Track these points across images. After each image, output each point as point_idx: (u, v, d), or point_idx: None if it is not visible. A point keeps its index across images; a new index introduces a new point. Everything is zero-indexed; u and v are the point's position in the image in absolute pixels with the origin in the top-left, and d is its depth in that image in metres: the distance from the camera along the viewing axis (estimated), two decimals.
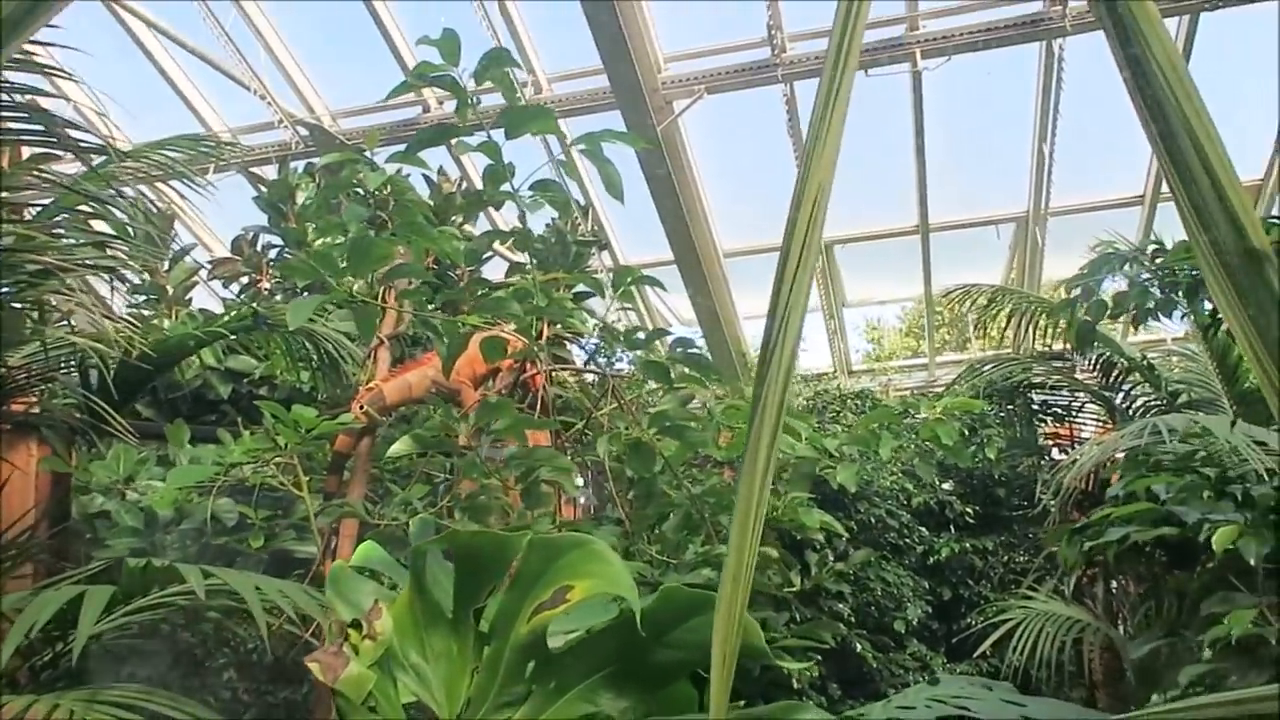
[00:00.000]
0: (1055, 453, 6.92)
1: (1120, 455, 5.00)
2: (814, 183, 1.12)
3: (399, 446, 3.01)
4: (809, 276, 1.16)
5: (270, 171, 8.01)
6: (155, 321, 6.11)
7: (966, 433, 6.32)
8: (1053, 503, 5.26)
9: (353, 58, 8.98)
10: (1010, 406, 6.73)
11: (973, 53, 7.41)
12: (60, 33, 3.44)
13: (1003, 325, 6.55)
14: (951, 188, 9.04)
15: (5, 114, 3.49)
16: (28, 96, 3.51)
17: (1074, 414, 6.83)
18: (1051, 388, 6.63)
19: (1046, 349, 6.59)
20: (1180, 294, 3.31)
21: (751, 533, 1.09)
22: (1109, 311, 3.75)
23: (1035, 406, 6.81)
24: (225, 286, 7.62)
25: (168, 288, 7.02)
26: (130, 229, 4.21)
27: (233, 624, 4.11)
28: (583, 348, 6.65)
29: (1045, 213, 8.96)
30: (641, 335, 3.28)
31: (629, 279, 3.31)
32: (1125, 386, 6.40)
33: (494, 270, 7.64)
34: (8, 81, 3.50)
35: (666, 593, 1.64)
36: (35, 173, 3.82)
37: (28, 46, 3.49)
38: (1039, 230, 9.08)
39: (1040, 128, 8.15)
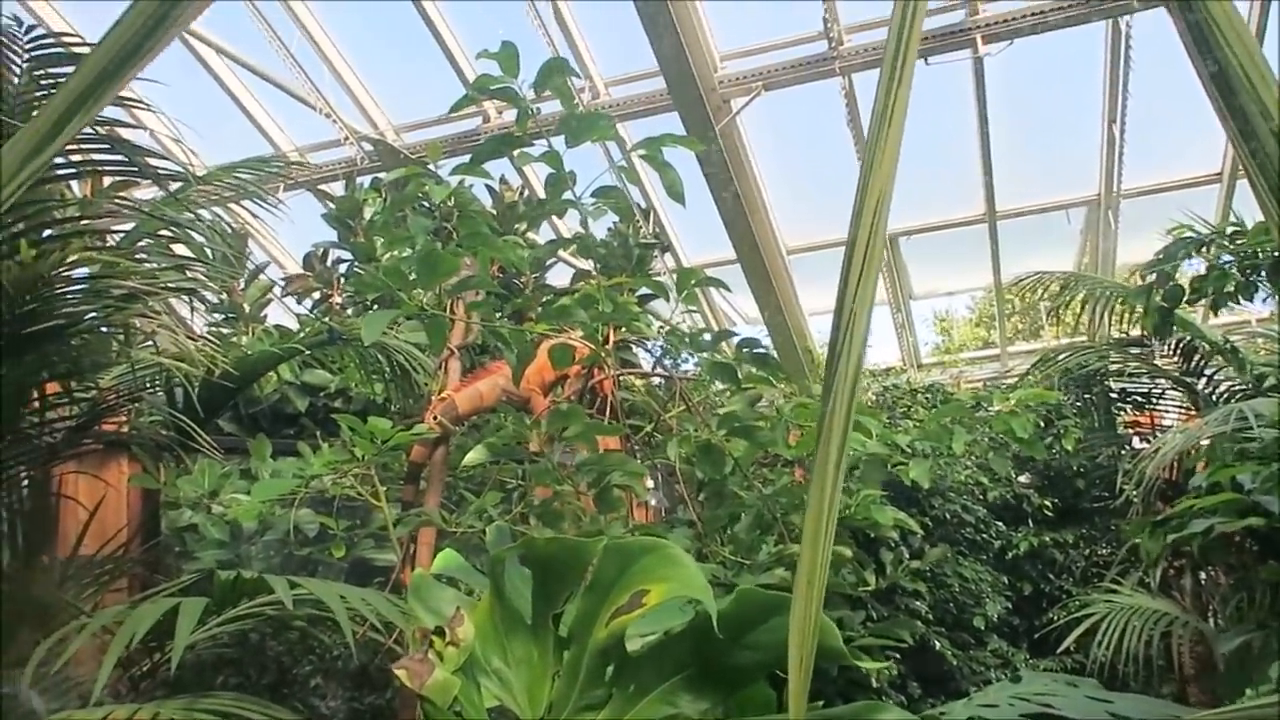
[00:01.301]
0: (1136, 441, 6.74)
1: (1205, 443, 4.85)
2: (878, 177, 1.12)
3: (473, 455, 3.06)
4: (875, 272, 1.17)
5: (338, 188, 8.20)
6: (233, 339, 6.30)
7: (1042, 424, 6.19)
8: (1135, 493, 5.13)
9: (413, 72, 9.15)
10: (1087, 396, 6.57)
11: (1035, 35, 7.27)
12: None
13: (1077, 312, 6.39)
14: (1019, 174, 8.87)
15: (88, 144, 3.64)
16: (107, 128, 3.66)
17: (1154, 401, 6.64)
18: (1130, 375, 6.45)
19: (1124, 335, 6.42)
20: (1262, 275, 3.20)
21: (825, 532, 1.09)
22: (1187, 296, 3.64)
23: (1113, 395, 6.64)
24: (299, 302, 7.82)
25: (244, 305, 7.23)
26: (208, 250, 4.35)
27: (318, 632, 4.22)
28: (649, 350, 6.68)
29: (1118, 195, 8.74)
30: (707, 337, 3.29)
31: (692, 281, 3.32)
32: (1208, 371, 6.20)
33: (557, 277, 7.72)
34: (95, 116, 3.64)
35: (742, 594, 1.65)
36: (116, 200, 3.97)
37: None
38: (1112, 213, 8.86)
39: (1109, 108, 7.96)
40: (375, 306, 6.87)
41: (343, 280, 7.56)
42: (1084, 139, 8.61)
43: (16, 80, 3.43)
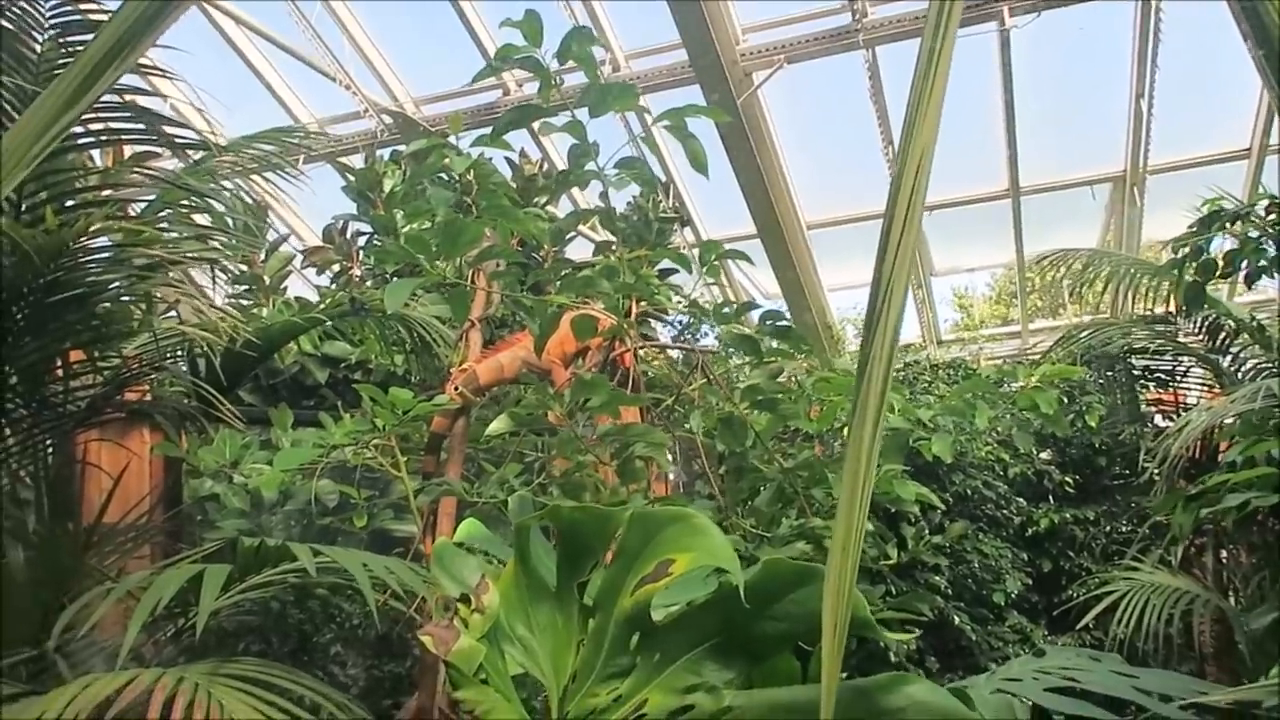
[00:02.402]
0: (1159, 419, 6.68)
1: (1230, 421, 4.80)
2: (917, 147, 1.10)
3: (497, 425, 3.06)
4: (912, 245, 1.14)
5: (357, 160, 8.19)
6: (254, 310, 6.32)
7: (1065, 400, 6.14)
8: (1158, 471, 5.09)
9: (434, 44, 9.10)
10: (1110, 373, 6.51)
11: (1063, 7, 7.15)
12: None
13: (1100, 290, 6.32)
14: (1043, 149, 8.76)
15: (110, 114, 3.64)
16: (129, 96, 3.66)
17: (1178, 379, 6.57)
18: (1154, 352, 6.39)
19: (1149, 313, 6.35)
20: None
21: (860, 503, 1.08)
22: (1219, 271, 3.58)
23: (1137, 372, 6.58)
24: (318, 274, 7.84)
25: (264, 277, 7.25)
26: (228, 220, 4.36)
27: (340, 600, 4.25)
28: (668, 323, 6.66)
29: (1144, 171, 8.62)
30: (728, 310, 3.26)
31: (715, 254, 3.29)
32: (1233, 349, 6.13)
33: (575, 250, 7.70)
34: (114, 86, 3.64)
35: (769, 565, 1.64)
36: (138, 169, 3.97)
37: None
38: (1138, 190, 8.74)
39: (1137, 83, 7.83)
40: (395, 279, 6.87)
41: (362, 252, 7.57)
42: (1110, 114, 8.49)
43: (39, 49, 3.43)
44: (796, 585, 1.62)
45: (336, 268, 7.62)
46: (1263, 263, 3.22)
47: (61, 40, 3.42)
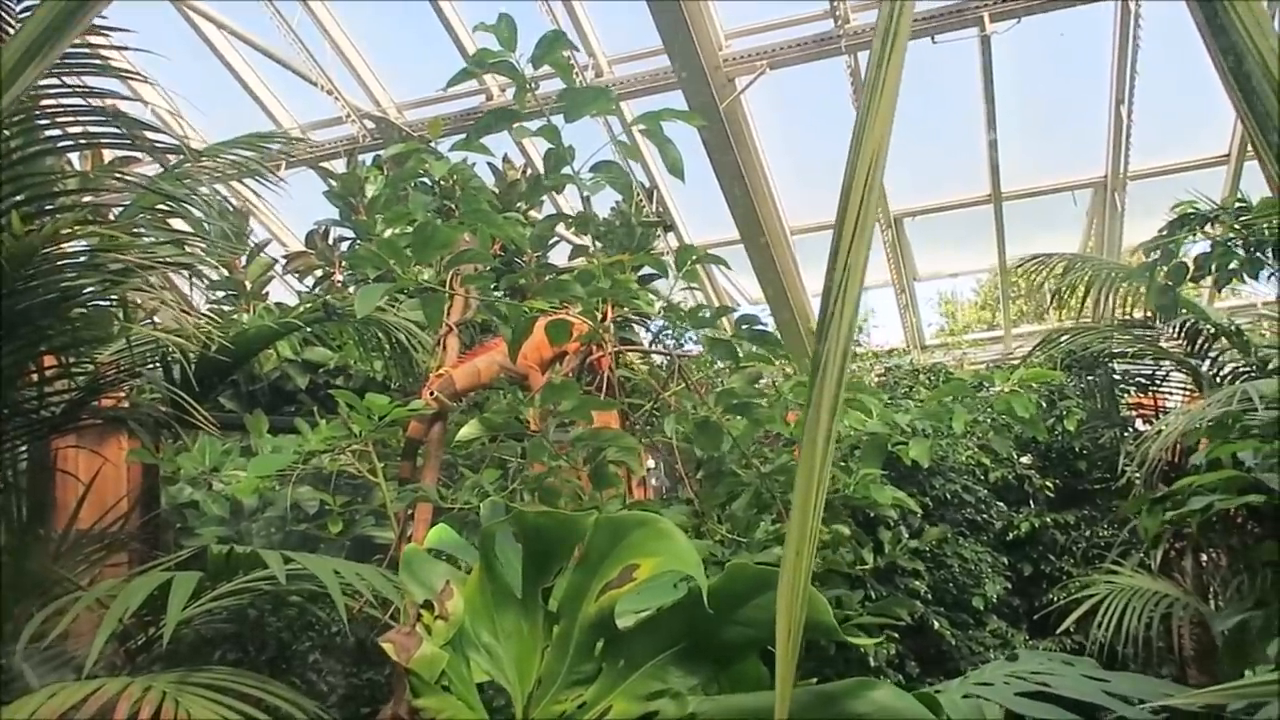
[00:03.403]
0: (1139, 424, 6.71)
1: (1206, 423, 4.82)
2: (869, 145, 1.10)
3: (467, 430, 3.05)
4: (866, 243, 1.14)
5: (339, 165, 8.16)
6: (235, 316, 6.28)
7: (1045, 405, 6.16)
8: (1137, 475, 5.10)
9: (416, 49, 9.08)
10: (1090, 377, 6.54)
11: (1044, 13, 7.19)
12: (134, 36, 3.54)
13: (1081, 295, 6.35)
14: (1025, 154, 8.81)
15: (86, 119, 3.61)
16: (108, 101, 3.63)
17: (1158, 384, 6.60)
18: (1134, 357, 6.41)
19: (1128, 318, 6.38)
20: (1268, 253, 3.15)
21: (814, 503, 1.07)
22: (1190, 275, 3.59)
23: (1117, 377, 6.60)
24: (300, 280, 7.81)
25: (245, 283, 7.21)
26: (206, 225, 4.33)
27: (316, 608, 4.22)
28: (649, 329, 6.65)
29: (1125, 177, 8.67)
30: (707, 313, 3.26)
31: (693, 258, 3.29)
32: (1212, 354, 6.16)
33: (560, 255, 7.68)
34: (86, 86, 3.62)
35: (733, 570, 1.64)
36: (115, 174, 3.95)
37: (105, 50, 3.61)
38: (1118, 195, 8.79)
39: (1117, 89, 7.88)
40: (376, 283, 6.84)
41: (344, 258, 7.54)
42: (1091, 120, 8.54)
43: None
44: (761, 590, 1.62)
45: (319, 273, 7.59)
46: (1232, 265, 3.22)
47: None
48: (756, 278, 9.23)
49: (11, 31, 3.28)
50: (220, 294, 7.12)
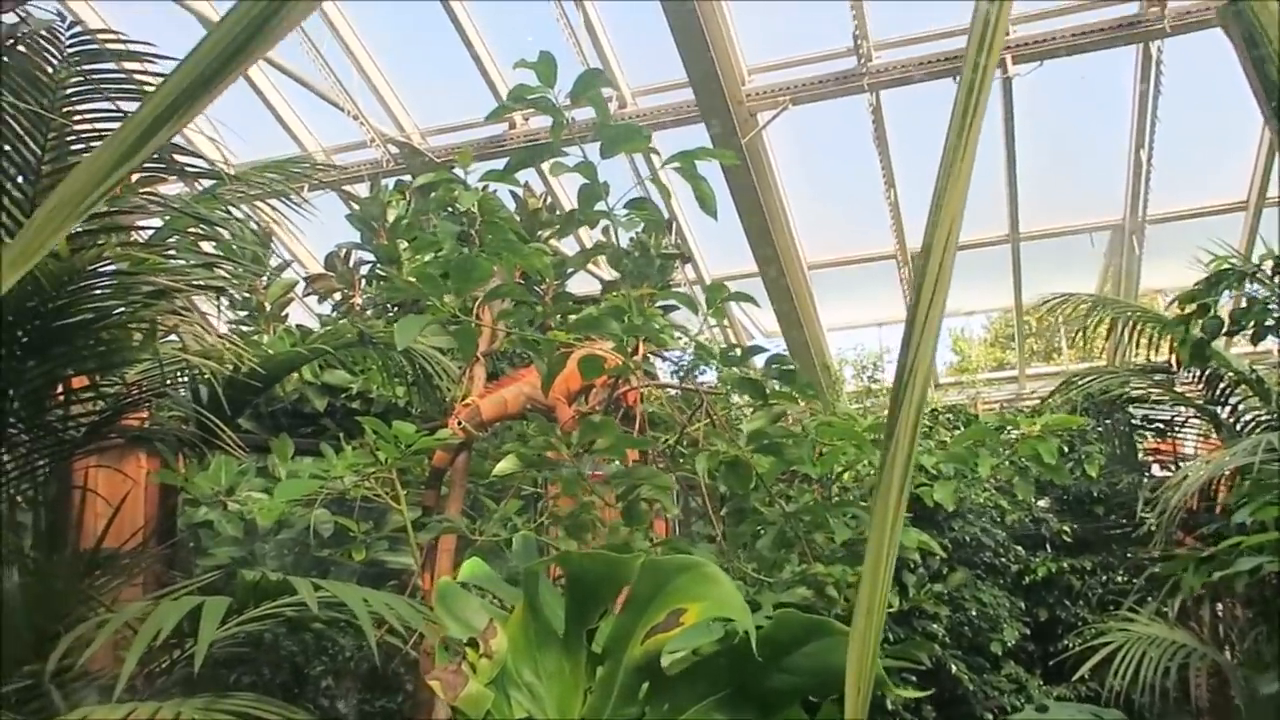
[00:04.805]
0: (1156, 469, 6.69)
1: (1227, 473, 4.80)
2: (953, 196, 1.11)
3: (505, 465, 3.05)
4: (943, 303, 1.15)
5: (362, 190, 8.22)
6: (254, 338, 6.31)
7: (1065, 449, 6.14)
8: (1154, 522, 5.08)
9: (440, 76, 9.17)
10: (1108, 421, 6.53)
11: (1066, 57, 7.24)
12: (170, 64, 3.59)
13: (1103, 335, 6.35)
14: (1044, 195, 8.84)
15: None
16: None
17: (1176, 429, 6.59)
18: (1153, 402, 6.41)
19: (1148, 362, 6.38)
20: None
21: (885, 562, 1.07)
22: (1226, 328, 3.59)
23: (1135, 421, 6.59)
24: (320, 302, 7.84)
25: (265, 304, 7.25)
26: (235, 248, 4.37)
27: (334, 634, 4.21)
28: (667, 360, 6.66)
29: (1143, 220, 8.70)
30: (736, 352, 3.27)
31: (722, 296, 3.30)
32: (1232, 400, 6.15)
33: (575, 284, 7.71)
34: (122, 111, 3.67)
35: (782, 617, 1.64)
36: (144, 195, 3.98)
37: (140, 76, 3.66)
38: (1136, 238, 8.81)
39: (1137, 133, 7.92)
40: (397, 309, 6.88)
41: (364, 281, 7.58)
42: (1111, 162, 8.58)
43: (50, 70, 3.43)
44: (809, 638, 1.62)
45: (338, 296, 7.63)
46: (1269, 322, 3.23)
47: (78, 67, 3.43)
48: (773, 311, 9.25)
49: (58, 57, 3.32)
50: (241, 314, 7.15)
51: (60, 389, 3.59)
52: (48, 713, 2.70)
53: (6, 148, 3.27)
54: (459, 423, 3.57)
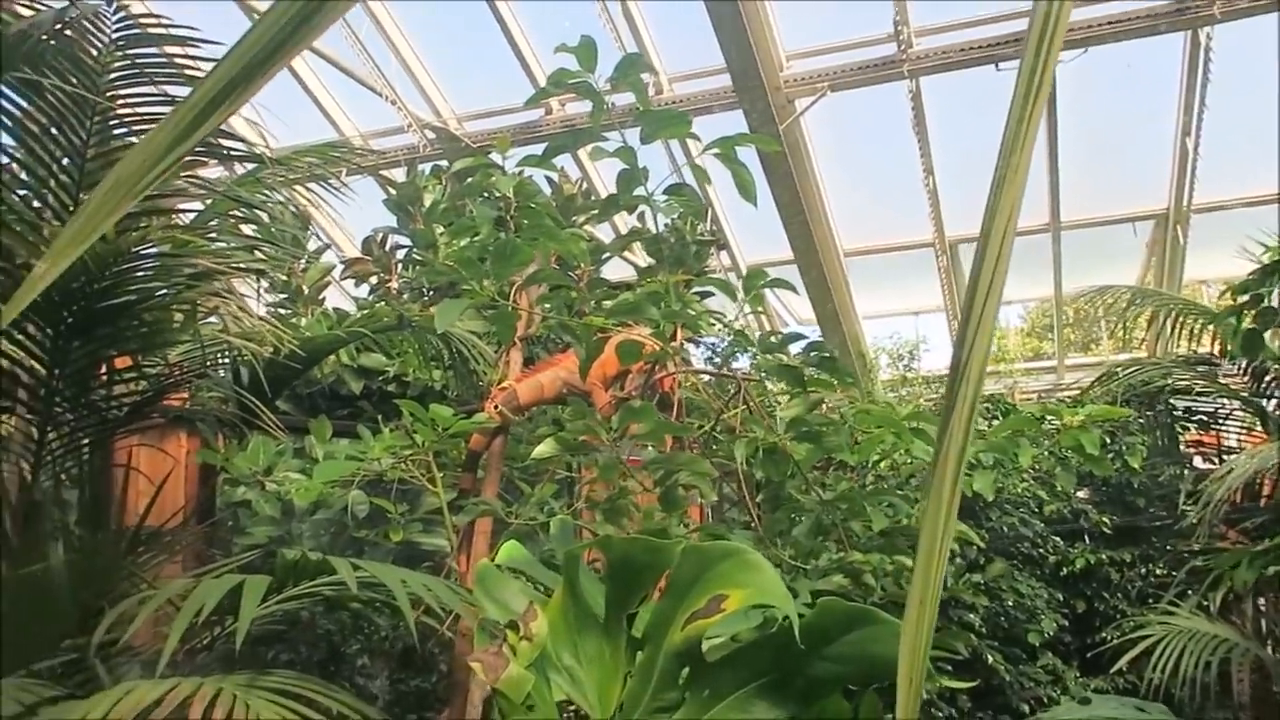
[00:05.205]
0: (1198, 461, 6.58)
1: (1274, 466, 4.71)
2: (1013, 183, 1.09)
3: (544, 449, 3.05)
4: (999, 295, 1.13)
5: (398, 174, 8.26)
6: (292, 320, 6.37)
7: (1107, 440, 6.06)
8: (1196, 515, 5.00)
9: (477, 61, 9.18)
10: (1150, 413, 6.43)
11: (1112, 44, 7.11)
12: (215, 48, 3.61)
13: (1145, 327, 6.24)
14: (1086, 184, 8.70)
15: None
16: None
17: (1220, 421, 6.48)
18: (1197, 393, 6.30)
19: (1191, 353, 6.27)
20: None
21: (939, 558, 1.06)
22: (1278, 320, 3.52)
23: (1177, 413, 6.49)
24: (356, 286, 7.89)
25: (303, 287, 7.31)
26: (273, 231, 4.40)
27: (371, 613, 4.25)
28: (701, 345, 6.64)
29: (1188, 209, 8.53)
30: (774, 339, 3.25)
31: (761, 282, 3.28)
32: (1278, 393, 6.03)
33: (608, 269, 7.70)
34: (167, 95, 3.70)
35: (825, 606, 1.63)
36: (186, 177, 4.02)
37: (183, 60, 3.69)
38: (1180, 228, 8.65)
39: (1183, 121, 7.76)
40: (433, 293, 6.92)
41: (400, 265, 7.62)
42: (1155, 151, 8.42)
43: (95, 53, 3.46)
44: (851, 627, 1.60)
45: (375, 280, 7.67)
46: None
47: (123, 50, 3.46)
48: (808, 298, 9.19)
49: (103, 41, 3.35)
50: (279, 297, 7.22)
51: (104, 369, 3.64)
52: (92, 686, 2.74)
53: (53, 130, 3.31)
54: (495, 406, 3.58)
